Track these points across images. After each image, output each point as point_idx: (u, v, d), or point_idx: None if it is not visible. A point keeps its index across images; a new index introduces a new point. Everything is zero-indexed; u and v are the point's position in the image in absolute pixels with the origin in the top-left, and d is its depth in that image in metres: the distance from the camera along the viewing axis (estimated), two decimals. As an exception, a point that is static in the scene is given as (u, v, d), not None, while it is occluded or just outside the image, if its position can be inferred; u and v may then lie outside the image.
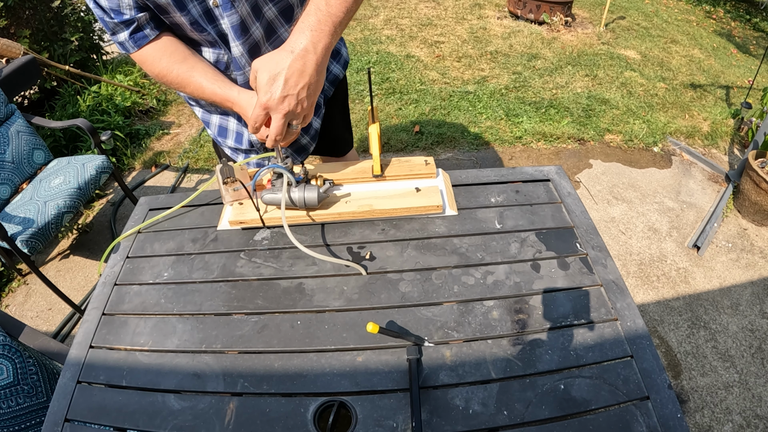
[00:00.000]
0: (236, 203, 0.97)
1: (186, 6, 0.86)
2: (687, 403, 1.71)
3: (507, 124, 3.16)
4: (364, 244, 0.90)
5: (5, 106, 2.17)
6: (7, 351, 1.12)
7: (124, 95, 3.33)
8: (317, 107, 1.16)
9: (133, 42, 0.91)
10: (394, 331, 0.71)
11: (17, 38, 2.93)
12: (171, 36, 0.94)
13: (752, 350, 1.87)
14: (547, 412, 0.64)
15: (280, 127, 0.81)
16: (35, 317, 2.13)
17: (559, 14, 4.31)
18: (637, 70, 3.76)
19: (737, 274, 2.18)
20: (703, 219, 2.47)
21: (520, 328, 0.74)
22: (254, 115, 0.80)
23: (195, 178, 2.90)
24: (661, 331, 1.95)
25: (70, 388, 0.73)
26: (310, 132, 1.16)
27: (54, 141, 2.86)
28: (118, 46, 0.93)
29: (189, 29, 0.91)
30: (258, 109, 0.79)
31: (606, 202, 2.58)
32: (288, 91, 0.78)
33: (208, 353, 0.75)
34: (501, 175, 1.03)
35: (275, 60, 0.78)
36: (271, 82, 0.77)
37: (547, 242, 0.87)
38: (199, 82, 0.93)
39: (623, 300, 0.77)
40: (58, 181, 2.09)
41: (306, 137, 1.16)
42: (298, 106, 0.80)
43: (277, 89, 0.77)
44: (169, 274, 0.88)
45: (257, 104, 0.79)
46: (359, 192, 0.97)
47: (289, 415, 0.66)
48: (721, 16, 5.10)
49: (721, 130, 3.10)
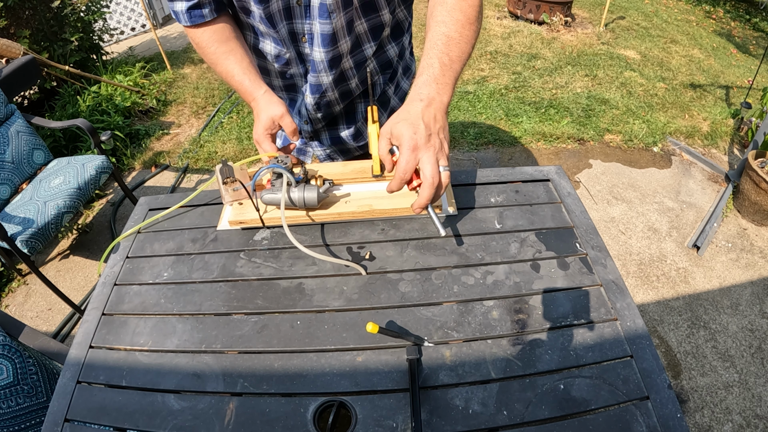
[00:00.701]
0: (236, 203, 0.97)
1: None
2: (687, 403, 1.71)
3: (507, 124, 3.16)
4: (363, 244, 0.90)
5: (5, 106, 2.17)
6: (7, 351, 1.12)
7: (123, 95, 3.33)
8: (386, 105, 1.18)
9: (188, 17, 0.93)
10: (394, 331, 0.71)
11: (17, 38, 2.94)
12: (227, 21, 0.97)
13: (752, 350, 1.87)
14: (546, 412, 0.64)
15: (435, 165, 0.73)
16: (35, 317, 2.13)
17: (559, 14, 4.31)
18: (636, 70, 3.76)
19: (737, 273, 2.19)
20: (702, 219, 2.47)
21: (520, 328, 0.74)
22: (404, 162, 0.73)
23: (195, 178, 2.90)
24: (661, 331, 1.95)
25: (69, 388, 0.73)
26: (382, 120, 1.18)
27: (54, 141, 2.87)
28: (171, 12, 0.95)
29: (259, 20, 0.93)
30: (407, 153, 0.73)
31: (606, 202, 2.58)
32: (431, 130, 0.75)
33: (207, 353, 0.75)
34: (501, 175, 1.03)
35: (407, 110, 0.77)
36: (413, 128, 0.75)
37: (547, 242, 0.87)
38: (232, 68, 0.97)
39: (623, 300, 0.77)
40: (57, 181, 2.09)
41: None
42: (442, 146, 0.77)
43: (421, 131, 0.74)
44: (168, 274, 0.88)
45: (405, 152, 0.73)
46: (359, 192, 0.97)
47: (289, 415, 0.66)
48: (721, 16, 5.10)
49: (720, 130, 3.11)
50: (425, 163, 0.72)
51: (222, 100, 3.63)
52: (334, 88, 1.06)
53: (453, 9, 0.83)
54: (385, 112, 1.20)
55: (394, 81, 1.18)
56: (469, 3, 0.84)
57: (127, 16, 4.95)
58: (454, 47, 0.81)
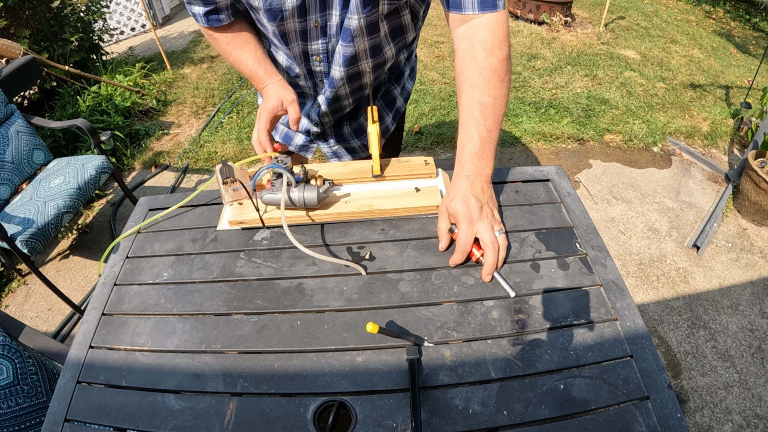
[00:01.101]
0: (236, 203, 0.97)
1: (282, 15, 0.89)
2: (687, 403, 1.71)
3: (506, 124, 3.16)
4: (363, 244, 0.90)
5: (5, 107, 2.17)
6: (7, 351, 1.12)
7: (123, 95, 3.33)
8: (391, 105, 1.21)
9: (205, 20, 0.96)
10: (394, 331, 0.71)
11: (17, 38, 2.94)
12: (244, 24, 0.99)
13: (752, 350, 1.87)
14: (546, 412, 0.64)
15: (491, 232, 0.80)
16: (35, 317, 2.13)
17: (559, 14, 4.32)
18: (636, 70, 3.76)
19: (737, 273, 2.19)
20: (702, 219, 2.47)
21: (520, 328, 0.74)
22: (464, 236, 0.80)
23: (195, 178, 2.90)
24: (661, 331, 1.95)
25: (69, 389, 0.73)
26: (386, 120, 1.22)
27: (54, 141, 2.87)
28: (189, 13, 0.97)
29: (272, 35, 0.95)
30: (465, 228, 0.79)
31: (606, 202, 2.58)
32: (481, 202, 0.81)
33: (207, 353, 0.75)
34: (500, 175, 1.03)
35: (456, 187, 0.83)
36: (465, 203, 0.80)
37: (547, 242, 0.87)
38: (246, 57, 0.99)
39: (623, 300, 0.77)
40: (57, 181, 2.09)
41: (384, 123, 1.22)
42: (493, 215, 0.83)
43: (474, 204, 0.80)
44: (168, 274, 0.88)
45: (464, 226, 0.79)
46: (359, 192, 0.97)
47: (289, 415, 0.66)
48: (721, 16, 5.10)
49: (720, 130, 3.11)
50: (483, 232, 0.79)
51: (222, 100, 3.63)
52: (350, 96, 1.08)
53: (483, 68, 0.83)
54: (390, 112, 1.20)
55: (401, 82, 1.19)
56: (499, 57, 0.82)
57: (127, 16, 4.95)
58: (489, 115, 0.83)
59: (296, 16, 0.89)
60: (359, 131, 1.20)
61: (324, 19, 0.91)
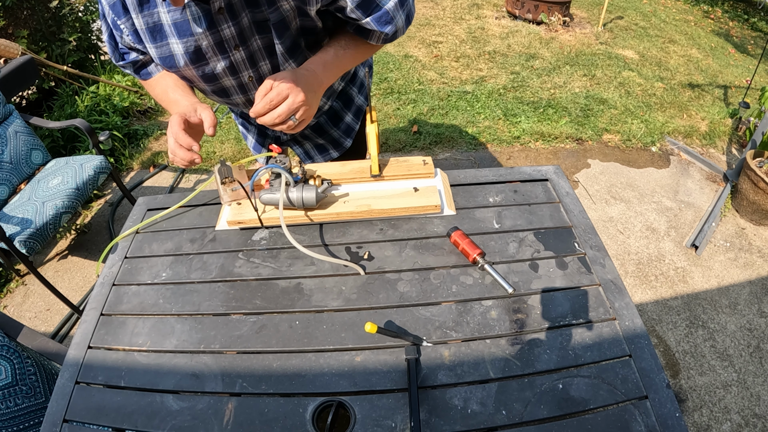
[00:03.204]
0: (234, 203, 0.97)
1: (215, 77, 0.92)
2: (685, 402, 1.71)
3: (505, 124, 3.16)
4: (362, 244, 0.90)
5: (3, 107, 2.17)
6: (6, 352, 1.12)
7: (122, 95, 3.32)
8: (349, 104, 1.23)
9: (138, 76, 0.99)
10: (393, 331, 0.71)
11: (15, 38, 2.93)
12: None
13: (750, 349, 1.88)
14: (545, 412, 0.64)
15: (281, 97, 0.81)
16: (33, 318, 2.13)
17: (557, 14, 4.32)
18: (635, 69, 3.77)
19: (735, 273, 2.19)
20: (701, 218, 2.48)
21: (519, 327, 0.74)
22: (272, 92, 0.81)
23: (193, 178, 2.90)
24: (660, 331, 1.95)
25: (68, 389, 0.73)
26: (341, 126, 1.23)
27: (52, 141, 2.86)
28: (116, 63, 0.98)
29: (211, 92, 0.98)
30: (278, 83, 0.80)
31: (604, 202, 2.58)
32: (307, 91, 0.83)
33: (206, 353, 0.75)
34: (499, 174, 1.03)
35: (295, 70, 0.85)
36: (294, 74, 0.83)
37: (546, 242, 0.88)
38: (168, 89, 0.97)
39: (621, 299, 0.77)
40: (56, 181, 2.09)
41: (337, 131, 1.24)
42: (305, 104, 0.83)
43: (301, 81, 0.82)
44: (167, 275, 0.88)
45: (278, 83, 0.81)
46: (357, 192, 0.97)
47: (288, 415, 0.66)
48: (719, 15, 5.11)
49: (719, 130, 3.11)
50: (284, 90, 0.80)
51: (220, 100, 3.62)
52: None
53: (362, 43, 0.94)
54: (349, 111, 1.21)
55: (356, 82, 1.21)
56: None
57: (125, 16, 4.93)
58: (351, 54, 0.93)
59: (229, 75, 0.92)
60: (320, 130, 1.23)
61: (258, 73, 0.94)
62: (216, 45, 0.86)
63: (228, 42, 0.86)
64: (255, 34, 0.87)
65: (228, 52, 0.88)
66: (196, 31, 0.83)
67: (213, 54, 0.87)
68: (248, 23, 0.84)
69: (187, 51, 0.86)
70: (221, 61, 0.89)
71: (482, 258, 0.82)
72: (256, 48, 0.89)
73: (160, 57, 0.88)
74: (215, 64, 0.89)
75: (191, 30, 0.83)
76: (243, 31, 0.85)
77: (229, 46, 0.87)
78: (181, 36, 0.84)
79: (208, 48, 0.86)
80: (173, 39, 0.85)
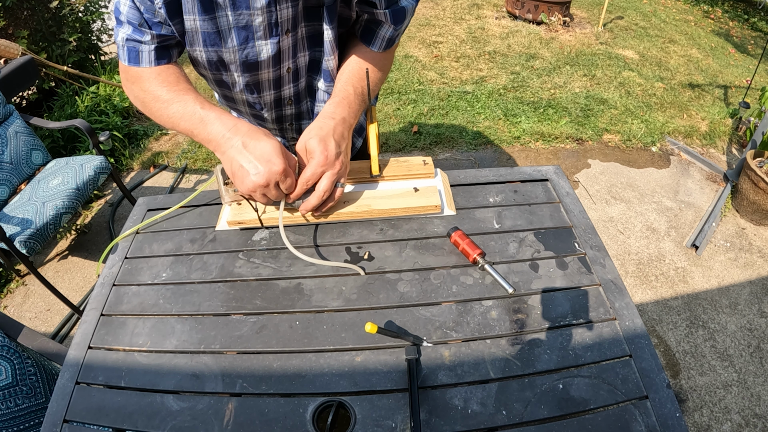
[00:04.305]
0: (234, 203, 0.97)
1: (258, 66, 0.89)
2: (686, 402, 1.71)
3: (505, 124, 3.16)
4: (362, 245, 0.90)
5: (3, 107, 2.17)
6: (6, 352, 1.12)
7: (122, 96, 3.32)
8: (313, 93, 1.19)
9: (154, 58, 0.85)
10: (393, 331, 0.71)
11: (15, 39, 2.93)
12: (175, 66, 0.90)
13: (750, 349, 1.88)
14: (545, 412, 0.64)
15: (331, 183, 0.82)
16: (34, 318, 2.13)
17: (557, 14, 4.32)
18: (635, 69, 3.77)
19: (735, 273, 2.19)
20: (701, 218, 2.48)
21: (519, 327, 0.74)
22: (311, 174, 0.80)
23: (193, 178, 2.90)
24: (660, 331, 1.95)
25: (68, 389, 0.73)
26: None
27: (52, 141, 2.86)
28: (122, 48, 0.83)
29: (241, 90, 0.95)
30: (316, 168, 0.80)
31: (604, 202, 2.59)
32: (340, 149, 0.83)
33: (206, 354, 0.75)
34: (499, 175, 1.03)
35: (319, 125, 0.83)
36: (324, 144, 0.81)
37: (546, 242, 0.88)
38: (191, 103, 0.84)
39: (622, 299, 0.77)
40: (56, 181, 2.09)
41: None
42: (345, 167, 0.85)
43: (332, 149, 0.81)
44: (167, 275, 0.88)
45: (314, 165, 0.80)
46: (357, 192, 0.97)
47: (288, 416, 0.66)
48: (719, 15, 5.11)
49: (719, 130, 3.11)
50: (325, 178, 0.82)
51: (221, 100, 3.62)
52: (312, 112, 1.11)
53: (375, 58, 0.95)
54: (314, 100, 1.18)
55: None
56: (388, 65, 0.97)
57: (125, 17, 4.93)
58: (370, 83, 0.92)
59: (271, 66, 0.90)
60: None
61: (295, 64, 0.93)
62: (270, 25, 0.82)
63: (282, 25, 0.83)
64: (303, 21, 0.85)
65: (279, 36, 0.84)
66: (254, 6, 0.78)
67: (263, 35, 0.83)
68: (302, 8, 0.83)
69: (237, 25, 0.81)
70: (269, 45, 0.85)
71: (482, 258, 0.82)
72: (300, 36, 0.88)
73: (205, 32, 0.80)
74: (261, 48, 0.85)
75: (248, 2, 0.78)
76: (297, 15, 0.83)
77: (281, 29, 0.83)
78: (237, 8, 0.79)
79: (260, 26, 0.82)
80: (228, 11, 0.79)
